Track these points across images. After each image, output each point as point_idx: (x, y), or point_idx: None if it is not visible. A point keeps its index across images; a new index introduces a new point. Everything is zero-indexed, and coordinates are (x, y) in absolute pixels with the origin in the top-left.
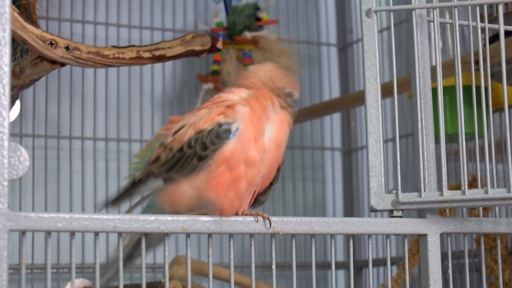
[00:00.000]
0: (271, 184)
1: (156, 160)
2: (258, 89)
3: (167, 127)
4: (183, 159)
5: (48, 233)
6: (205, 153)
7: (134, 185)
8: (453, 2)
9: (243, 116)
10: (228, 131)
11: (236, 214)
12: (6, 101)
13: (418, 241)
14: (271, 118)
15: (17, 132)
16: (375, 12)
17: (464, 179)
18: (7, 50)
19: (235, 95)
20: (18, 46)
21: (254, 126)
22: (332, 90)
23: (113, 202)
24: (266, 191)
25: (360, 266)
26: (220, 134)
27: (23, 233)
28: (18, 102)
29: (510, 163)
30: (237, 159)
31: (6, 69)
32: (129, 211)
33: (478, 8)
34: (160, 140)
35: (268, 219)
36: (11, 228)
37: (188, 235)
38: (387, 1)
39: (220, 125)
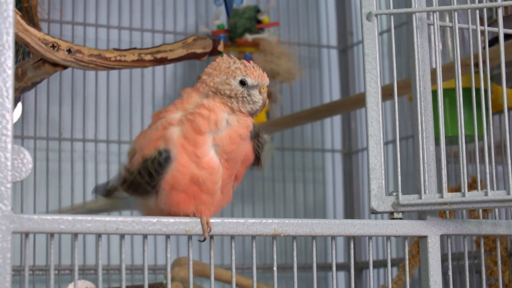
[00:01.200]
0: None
1: (124, 181)
2: (207, 97)
3: (143, 133)
4: (140, 186)
5: (51, 235)
6: (154, 182)
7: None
8: (453, 5)
9: (175, 142)
10: (168, 159)
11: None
12: (9, 104)
13: (418, 243)
14: (217, 137)
15: (19, 134)
16: (376, 15)
17: (464, 181)
18: (10, 54)
19: (178, 110)
20: (20, 48)
21: (189, 151)
22: (332, 92)
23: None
24: (259, 160)
25: (361, 267)
26: (161, 163)
27: (26, 235)
28: (19, 104)
29: (509, 165)
30: (182, 182)
31: (10, 72)
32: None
33: (478, 12)
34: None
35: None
36: (14, 230)
37: (190, 237)
38: (387, 4)
39: (160, 153)
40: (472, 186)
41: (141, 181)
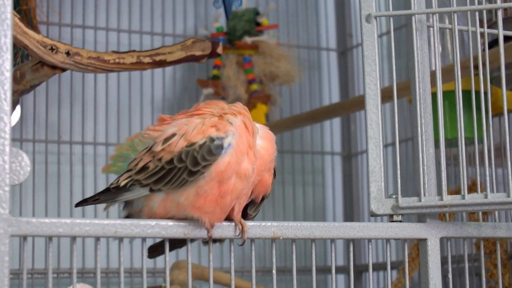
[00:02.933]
0: (262, 198)
1: (143, 169)
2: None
3: (155, 128)
4: (173, 172)
5: (49, 238)
6: (196, 169)
7: (118, 189)
8: (453, 7)
9: (236, 127)
10: (220, 147)
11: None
12: (7, 107)
13: (418, 246)
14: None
15: (18, 137)
16: (375, 17)
17: (464, 184)
18: (8, 56)
19: (225, 104)
20: (19, 51)
21: (247, 138)
22: (332, 94)
23: (90, 203)
24: (257, 206)
25: (360, 270)
26: (212, 150)
27: (24, 238)
28: (18, 107)
29: (509, 167)
30: (230, 173)
31: (8, 74)
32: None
33: (477, 13)
34: (146, 143)
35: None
36: (12, 233)
37: (189, 240)
38: (387, 6)
39: (212, 139)
40: (471, 188)
41: (179, 167)
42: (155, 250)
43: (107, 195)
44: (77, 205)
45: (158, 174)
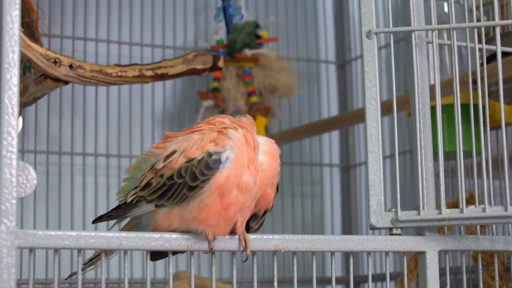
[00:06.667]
0: (264, 212)
1: (147, 185)
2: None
3: (159, 145)
4: (174, 188)
5: (55, 250)
6: (195, 183)
7: (126, 206)
8: (452, 24)
9: (236, 142)
10: (218, 161)
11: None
12: (14, 121)
13: (416, 257)
14: (261, 147)
15: (19, 148)
16: (376, 33)
17: (462, 198)
18: (16, 71)
19: (228, 119)
20: (21, 63)
21: (247, 152)
22: (330, 107)
23: (104, 219)
24: (260, 218)
25: (358, 281)
26: (209, 165)
27: (30, 250)
28: (20, 119)
29: (507, 181)
30: (231, 186)
31: (15, 89)
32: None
33: (476, 30)
34: (149, 161)
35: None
36: (19, 246)
37: (192, 252)
38: (386, 21)
39: (210, 154)
40: (469, 201)
41: (179, 182)
42: (158, 254)
43: (119, 212)
44: (94, 222)
45: (160, 190)
